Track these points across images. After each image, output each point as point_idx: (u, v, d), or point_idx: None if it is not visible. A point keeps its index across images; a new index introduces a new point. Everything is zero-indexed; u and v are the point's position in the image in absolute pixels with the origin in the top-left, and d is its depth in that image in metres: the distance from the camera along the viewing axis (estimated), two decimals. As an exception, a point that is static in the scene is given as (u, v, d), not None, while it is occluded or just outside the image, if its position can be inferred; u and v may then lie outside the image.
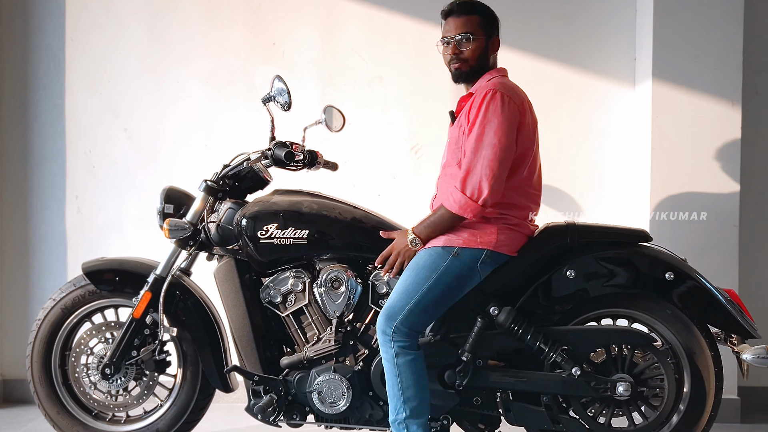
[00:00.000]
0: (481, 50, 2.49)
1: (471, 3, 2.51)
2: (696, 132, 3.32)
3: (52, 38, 3.71)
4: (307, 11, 3.65)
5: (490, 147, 2.33)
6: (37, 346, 2.79)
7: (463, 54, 2.48)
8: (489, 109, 2.35)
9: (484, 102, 2.36)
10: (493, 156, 2.33)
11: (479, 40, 2.48)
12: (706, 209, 3.31)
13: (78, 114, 3.72)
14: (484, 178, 2.33)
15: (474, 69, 2.50)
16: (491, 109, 2.35)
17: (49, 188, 3.74)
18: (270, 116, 2.70)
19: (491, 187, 2.33)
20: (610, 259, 2.46)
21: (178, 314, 2.73)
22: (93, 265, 2.78)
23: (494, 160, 2.33)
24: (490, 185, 2.33)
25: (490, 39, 2.51)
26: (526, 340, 2.41)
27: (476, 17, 2.48)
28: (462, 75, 2.52)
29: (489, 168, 2.33)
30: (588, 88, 3.58)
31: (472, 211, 2.36)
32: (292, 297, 2.62)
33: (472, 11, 2.49)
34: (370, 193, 3.65)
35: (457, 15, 2.49)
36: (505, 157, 2.35)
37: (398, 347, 2.35)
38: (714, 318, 2.46)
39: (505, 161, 2.36)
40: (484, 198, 2.34)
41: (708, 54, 3.31)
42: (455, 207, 2.37)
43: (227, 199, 2.70)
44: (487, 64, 2.52)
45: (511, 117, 2.36)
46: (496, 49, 2.55)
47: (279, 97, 2.62)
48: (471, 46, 2.47)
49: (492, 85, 2.41)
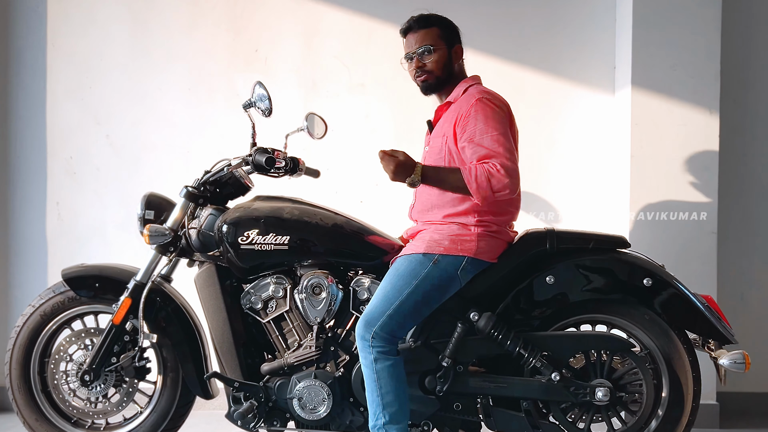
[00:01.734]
0: (444, 60, 2.52)
1: (427, 16, 2.54)
2: (674, 140, 3.36)
3: (33, 44, 3.69)
4: (289, 18, 3.66)
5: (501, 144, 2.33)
6: (15, 353, 2.76)
7: (426, 66, 2.51)
8: (486, 113, 2.37)
9: (478, 108, 2.38)
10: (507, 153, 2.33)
11: (441, 50, 2.51)
12: (684, 216, 3.35)
13: (59, 120, 3.71)
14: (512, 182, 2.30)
15: (441, 79, 2.53)
16: (489, 112, 2.37)
17: (30, 194, 3.71)
18: (251, 122, 2.70)
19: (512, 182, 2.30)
20: (589, 265, 2.48)
21: (159, 321, 2.72)
22: (73, 271, 2.77)
23: (513, 155, 2.35)
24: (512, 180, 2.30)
25: (452, 48, 2.54)
26: (506, 345, 2.42)
27: (435, 29, 2.52)
28: (430, 86, 2.54)
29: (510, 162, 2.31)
30: (568, 95, 3.61)
31: (483, 196, 2.32)
32: (273, 303, 2.62)
33: (429, 24, 2.52)
34: (353, 199, 3.66)
35: (415, 30, 2.53)
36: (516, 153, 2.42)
37: (377, 353, 2.36)
38: (692, 323, 2.49)
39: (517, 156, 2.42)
40: (502, 191, 2.31)
41: (686, 63, 3.35)
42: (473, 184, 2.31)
43: (208, 206, 2.69)
44: (453, 72, 2.55)
45: (502, 118, 2.40)
46: (460, 57, 2.57)
47: (260, 103, 2.62)
48: (433, 57, 2.50)
49: (478, 93, 2.43)
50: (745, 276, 3.63)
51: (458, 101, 2.48)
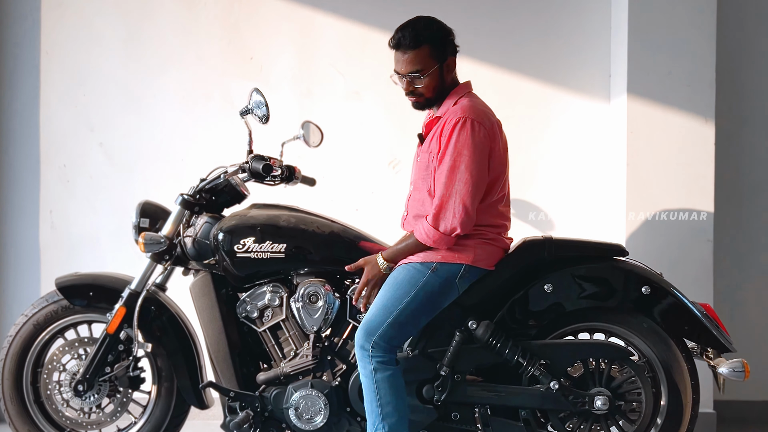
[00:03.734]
0: (435, 81, 2.44)
1: (416, 34, 2.38)
2: (670, 147, 3.37)
3: (26, 51, 3.67)
4: (284, 26, 3.65)
5: (462, 182, 2.33)
6: (8, 363, 2.73)
7: (417, 90, 2.45)
8: (460, 140, 2.33)
9: (455, 131, 2.34)
10: (465, 191, 2.33)
11: (432, 71, 2.41)
12: (680, 224, 3.35)
13: (53, 128, 3.68)
14: (457, 214, 2.33)
15: (431, 100, 2.48)
16: (462, 139, 2.33)
17: (23, 202, 3.68)
18: (248, 129, 2.69)
19: (463, 222, 2.34)
20: (587, 274, 2.47)
21: (153, 330, 2.70)
22: (66, 280, 2.74)
23: (467, 195, 2.33)
24: (461, 221, 2.33)
25: (444, 62, 2.44)
26: (504, 354, 2.41)
27: (425, 48, 2.39)
28: (421, 106, 2.51)
29: (462, 204, 2.33)
30: (564, 102, 3.61)
31: (444, 244, 2.38)
32: (269, 312, 2.60)
33: (418, 44, 2.38)
34: (348, 207, 3.64)
35: (404, 51, 2.40)
36: (477, 191, 2.36)
37: (377, 362, 2.34)
38: (690, 332, 2.48)
39: (478, 194, 2.36)
40: (457, 233, 2.35)
41: (681, 71, 3.36)
42: (428, 241, 2.38)
43: (204, 213, 2.68)
44: (445, 87, 2.48)
45: (482, 146, 2.35)
46: (452, 70, 2.49)
47: (257, 110, 2.61)
48: (424, 81, 2.42)
49: (462, 111, 2.38)
50: (741, 283, 3.63)
51: (446, 115, 2.44)
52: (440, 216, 2.35)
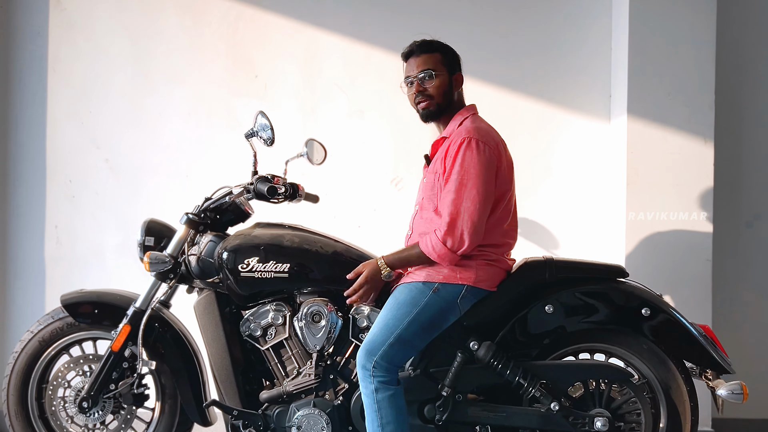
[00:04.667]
0: (445, 86, 2.52)
1: (430, 42, 2.55)
2: (670, 168, 3.39)
3: (34, 68, 3.71)
4: (289, 44, 3.69)
5: (470, 199, 2.37)
6: (13, 379, 2.76)
7: (427, 90, 2.51)
8: (466, 159, 2.38)
9: (461, 151, 2.39)
10: (474, 208, 2.36)
11: (442, 76, 2.52)
12: (680, 244, 3.37)
13: (59, 144, 3.72)
14: (466, 230, 2.36)
15: (441, 106, 2.53)
16: (468, 158, 2.38)
17: (29, 217, 3.72)
18: (253, 151, 2.72)
19: (471, 240, 2.37)
20: (588, 295, 2.49)
21: (157, 347, 2.72)
22: (72, 297, 2.77)
23: (475, 212, 2.36)
24: (470, 238, 2.37)
25: (453, 75, 2.55)
26: (505, 375, 2.43)
27: (437, 54, 2.53)
28: (430, 114, 2.54)
29: (470, 221, 2.36)
30: (565, 122, 3.64)
31: (449, 260, 2.41)
32: (272, 330, 2.62)
33: (432, 49, 2.53)
34: (351, 224, 3.68)
35: (417, 54, 2.53)
36: (484, 209, 2.39)
37: (378, 382, 2.36)
38: (689, 353, 2.50)
39: (485, 211, 2.40)
40: (463, 250, 2.38)
41: (681, 92, 3.39)
42: (433, 254, 2.41)
43: (208, 232, 2.70)
44: (453, 100, 2.55)
45: (488, 164, 2.39)
46: (459, 85, 2.58)
47: (262, 133, 2.64)
48: (434, 82, 2.50)
49: (466, 132, 2.43)
50: (740, 304, 3.65)
51: (451, 136, 2.49)
52: (449, 232, 2.38)
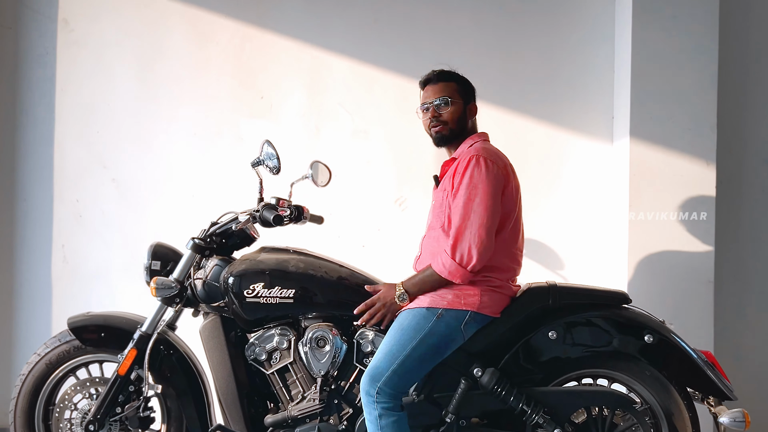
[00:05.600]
0: (459, 113, 2.60)
1: (448, 72, 2.66)
2: (672, 190, 3.41)
3: (41, 89, 3.75)
4: (294, 65, 3.73)
5: (477, 214, 2.40)
6: (20, 401, 2.78)
7: (442, 117, 2.59)
8: (474, 175, 2.43)
9: (469, 167, 2.44)
10: (480, 223, 2.40)
11: (457, 103, 2.60)
12: (682, 265, 3.39)
13: (66, 164, 3.76)
14: (473, 245, 2.39)
15: (454, 132, 2.60)
16: (476, 174, 2.42)
17: (36, 236, 3.75)
18: (259, 178, 2.74)
19: (480, 253, 2.40)
20: (591, 321, 2.51)
21: (163, 370, 2.74)
22: (78, 320, 2.79)
23: (482, 227, 2.40)
24: (479, 252, 2.39)
25: (468, 104, 2.63)
26: (509, 401, 2.44)
27: (453, 84, 2.62)
28: (443, 138, 2.61)
29: (477, 235, 2.39)
30: (568, 144, 3.66)
31: (461, 277, 2.43)
32: (277, 354, 2.64)
33: (449, 78, 2.63)
34: (355, 244, 3.70)
35: (434, 82, 2.62)
36: (492, 223, 2.42)
37: (382, 408, 2.38)
38: (691, 379, 2.52)
39: (493, 227, 2.43)
40: (473, 264, 2.40)
41: (683, 114, 3.41)
42: (444, 272, 2.43)
43: (214, 256, 2.73)
44: (466, 128, 2.63)
45: (495, 181, 2.44)
46: (473, 114, 2.66)
47: (268, 161, 2.67)
48: (450, 108, 2.58)
49: (475, 151, 2.48)
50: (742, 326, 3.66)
51: (460, 156, 2.54)
52: (457, 246, 2.42)
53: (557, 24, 3.66)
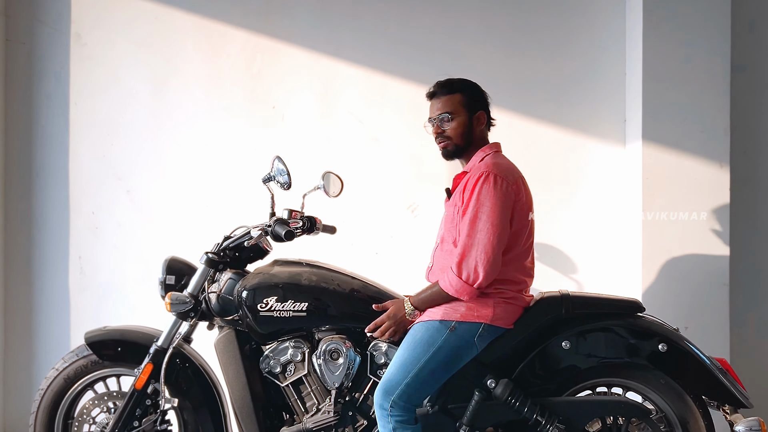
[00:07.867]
0: (463, 128, 2.56)
1: (451, 83, 2.59)
2: (686, 193, 3.39)
3: (56, 103, 3.79)
4: (305, 75, 3.74)
5: (484, 231, 2.39)
6: (40, 416, 2.82)
7: (445, 132, 2.57)
8: (482, 192, 2.41)
9: (478, 184, 2.43)
10: (487, 240, 2.39)
11: (460, 118, 2.55)
12: (697, 268, 3.37)
13: (82, 176, 3.80)
14: (480, 263, 2.39)
15: (460, 146, 2.58)
16: (484, 191, 2.41)
17: (53, 249, 3.80)
18: (270, 193, 2.76)
19: (486, 272, 2.39)
20: (605, 331, 2.51)
21: (179, 383, 2.77)
22: (96, 335, 2.82)
23: (489, 245, 2.39)
24: (485, 270, 2.39)
25: (474, 114, 2.57)
26: (523, 412, 2.44)
27: (457, 96, 2.57)
28: (449, 153, 2.60)
29: (484, 253, 2.39)
30: (580, 148, 3.65)
31: (467, 294, 2.43)
32: (292, 367, 2.66)
33: (452, 91, 2.57)
34: (368, 251, 3.72)
35: (438, 96, 2.59)
36: (499, 241, 2.41)
37: (396, 422, 2.39)
38: (706, 387, 2.50)
39: (500, 244, 2.41)
40: (479, 282, 2.40)
41: (696, 117, 3.39)
42: (451, 289, 2.44)
43: (228, 270, 2.75)
44: (473, 139, 2.58)
45: (504, 198, 2.42)
46: (481, 123, 2.60)
47: (279, 177, 2.68)
48: (452, 124, 2.55)
49: (485, 167, 2.46)
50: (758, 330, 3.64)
51: (471, 171, 2.53)
52: (463, 263, 2.41)
53: (568, 29, 3.64)
